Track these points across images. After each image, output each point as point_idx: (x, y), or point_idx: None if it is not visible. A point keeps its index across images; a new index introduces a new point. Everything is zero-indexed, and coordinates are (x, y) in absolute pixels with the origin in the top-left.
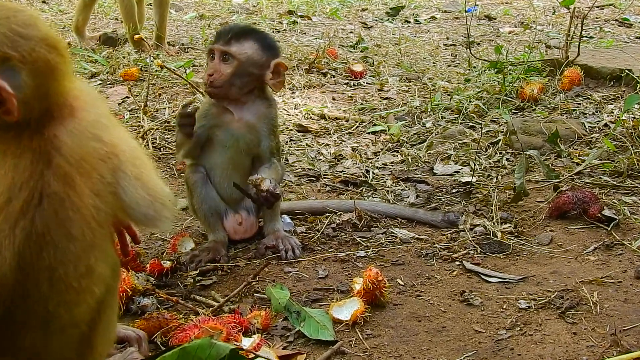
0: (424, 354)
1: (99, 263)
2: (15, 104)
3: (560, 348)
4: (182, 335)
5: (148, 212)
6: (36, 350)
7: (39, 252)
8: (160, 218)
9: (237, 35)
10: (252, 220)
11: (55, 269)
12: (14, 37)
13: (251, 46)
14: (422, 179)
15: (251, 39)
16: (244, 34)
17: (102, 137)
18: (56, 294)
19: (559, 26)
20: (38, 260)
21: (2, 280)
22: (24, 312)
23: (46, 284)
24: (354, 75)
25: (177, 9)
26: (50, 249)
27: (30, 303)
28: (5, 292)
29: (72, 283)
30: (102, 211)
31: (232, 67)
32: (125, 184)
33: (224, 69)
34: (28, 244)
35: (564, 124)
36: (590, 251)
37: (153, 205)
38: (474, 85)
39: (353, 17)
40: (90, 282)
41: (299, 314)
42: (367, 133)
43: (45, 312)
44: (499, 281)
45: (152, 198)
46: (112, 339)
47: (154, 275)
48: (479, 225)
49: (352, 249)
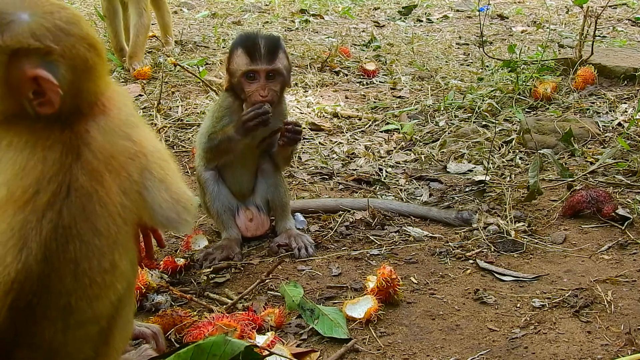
0: (437, 352)
1: (122, 259)
2: (59, 95)
3: (574, 347)
4: (196, 332)
5: (170, 215)
6: (55, 344)
7: (65, 244)
8: (181, 221)
9: (273, 51)
10: (263, 218)
11: (80, 262)
12: (57, 32)
13: (283, 56)
14: (436, 178)
15: (281, 50)
16: (275, 47)
17: (131, 136)
18: (80, 288)
19: (572, 25)
20: (64, 253)
21: (28, 271)
22: (46, 304)
23: (70, 277)
24: (366, 73)
25: (190, 7)
26: (76, 242)
27: (53, 296)
28: (30, 283)
29: (95, 278)
30: (128, 209)
31: (279, 83)
32: (150, 185)
33: (273, 86)
34: (54, 236)
35: (577, 123)
36: (604, 250)
37: (175, 209)
38: (487, 84)
39: (365, 15)
40: (113, 278)
41: (312, 311)
42: (380, 132)
43: (68, 306)
44: (513, 280)
45: (175, 201)
46: (128, 336)
47: (167, 273)
48: (493, 224)
49: (366, 247)
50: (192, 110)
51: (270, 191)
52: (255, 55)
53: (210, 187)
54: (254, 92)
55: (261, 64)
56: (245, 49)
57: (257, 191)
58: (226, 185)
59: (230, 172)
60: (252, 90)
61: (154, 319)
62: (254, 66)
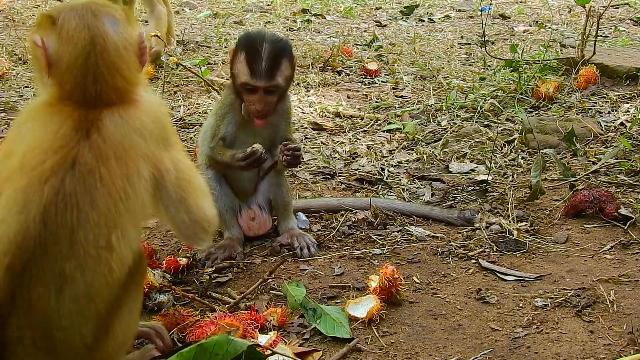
0: (440, 351)
1: (120, 245)
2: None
3: (577, 346)
4: (198, 331)
5: (187, 232)
6: (50, 313)
7: (63, 211)
8: (197, 240)
9: (274, 65)
10: (265, 217)
11: (76, 230)
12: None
13: (286, 66)
14: (438, 177)
15: (284, 60)
16: (278, 59)
17: (149, 144)
18: (74, 256)
19: (574, 25)
20: (61, 218)
21: (26, 232)
22: (41, 268)
23: (66, 243)
24: (368, 73)
25: (191, 7)
26: (74, 210)
27: (49, 260)
28: (27, 245)
29: (89, 250)
30: (133, 200)
31: (277, 95)
32: (167, 204)
33: (270, 99)
34: (54, 201)
35: (579, 123)
36: (607, 250)
37: (192, 228)
38: (489, 84)
39: (367, 15)
40: (109, 257)
41: (315, 311)
42: (382, 131)
43: (62, 273)
44: (515, 279)
45: (193, 222)
46: (131, 332)
47: (170, 272)
48: (495, 224)
49: (368, 247)
50: (194, 110)
51: (273, 190)
52: (255, 69)
53: (212, 187)
54: (250, 104)
55: (260, 81)
56: (247, 60)
57: (259, 190)
58: (228, 184)
59: (233, 171)
60: (250, 100)
61: (157, 318)
62: (253, 82)
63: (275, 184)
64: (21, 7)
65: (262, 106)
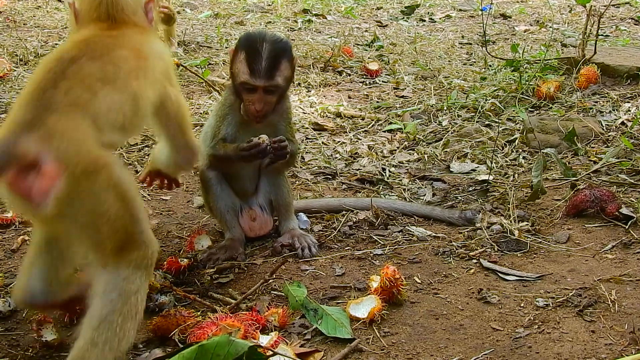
0: (441, 351)
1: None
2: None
3: (578, 346)
4: (200, 332)
5: (184, 154)
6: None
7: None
8: (189, 164)
9: (274, 64)
10: (266, 218)
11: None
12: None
13: (286, 67)
14: (439, 177)
15: (284, 61)
16: (278, 59)
17: (159, 72)
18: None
19: (575, 24)
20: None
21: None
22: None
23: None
24: (369, 73)
25: (192, 7)
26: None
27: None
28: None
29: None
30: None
31: (277, 95)
32: (168, 124)
33: (269, 99)
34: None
35: (580, 122)
36: (608, 249)
37: (188, 150)
38: (490, 84)
39: (368, 15)
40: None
41: (316, 311)
42: (383, 131)
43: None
44: (517, 279)
45: (188, 145)
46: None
47: (171, 273)
48: (496, 224)
49: (369, 247)
50: (195, 111)
51: (274, 191)
52: (255, 69)
53: (213, 187)
54: (250, 103)
55: (260, 80)
56: (247, 59)
57: (261, 191)
58: (229, 184)
59: (234, 171)
60: (249, 100)
61: (158, 319)
62: (253, 81)
63: (276, 184)
64: (22, 8)
65: (262, 106)
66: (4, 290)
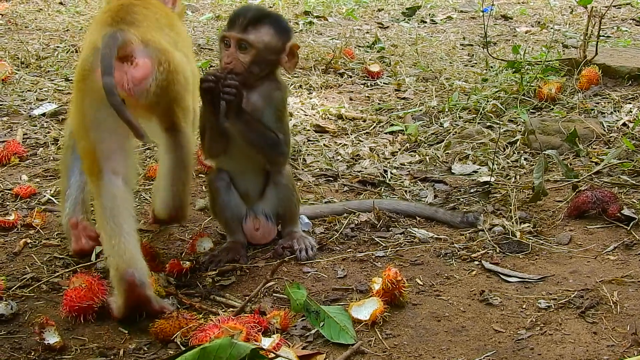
0: (443, 353)
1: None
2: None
3: (580, 348)
4: (202, 335)
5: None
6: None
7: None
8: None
9: (253, 22)
10: (269, 227)
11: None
12: None
13: (267, 32)
14: (440, 179)
15: (267, 24)
16: (259, 19)
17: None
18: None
19: (576, 26)
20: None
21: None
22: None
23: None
24: (370, 75)
25: (194, 10)
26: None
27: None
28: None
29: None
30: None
31: (250, 55)
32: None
33: (242, 57)
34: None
35: (582, 124)
36: (610, 250)
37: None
38: (491, 85)
39: (369, 17)
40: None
41: (318, 314)
42: (384, 133)
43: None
44: (519, 281)
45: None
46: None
47: (173, 275)
48: (498, 225)
49: (371, 249)
50: None
51: (282, 205)
52: (233, 21)
53: (221, 197)
54: (222, 59)
55: (234, 31)
56: (231, 15)
57: (267, 198)
58: (235, 187)
59: (237, 168)
60: (223, 56)
61: (160, 321)
62: (227, 32)
63: (285, 198)
64: (24, 10)
65: (230, 60)
66: (7, 293)
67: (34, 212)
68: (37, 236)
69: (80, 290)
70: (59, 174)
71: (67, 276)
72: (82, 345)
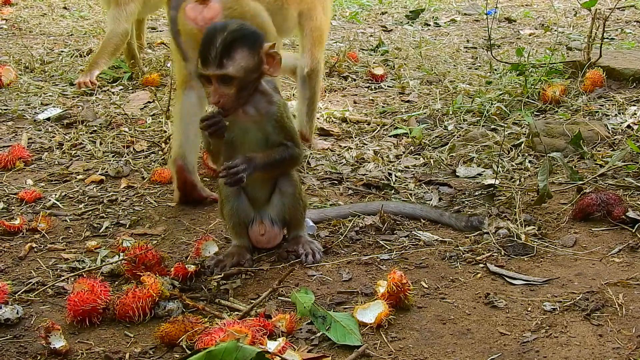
0: (449, 356)
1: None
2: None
3: (586, 350)
4: (207, 338)
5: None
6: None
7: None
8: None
9: (225, 53)
10: (275, 232)
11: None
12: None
13: (242, 55)
14: (445, 182)
15: (239, 48)
16: (231, 46)
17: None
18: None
19: (580, 28)
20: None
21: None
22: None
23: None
24: (374, 78)
25: None
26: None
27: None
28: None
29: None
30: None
31: (234, 86)
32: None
33: (227, 91)
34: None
35: (586, 126)
36: (615, 253)
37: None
38: (495, 88)
39: (373, 20)
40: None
41: (324, 318)
42: (388, 136)
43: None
44: (524, 283)
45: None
46: None
47: (178, 279)
48: (503, 228)
49: (376, 252)
50: None
51: (289, 212)
52: (206, 58)
53: (230, 202)
54: (208, 96)
55: (210, 70)
56: (201, 48)
57: (275, 205)
58: (244, 192)
59: (249, 179)
60: (208, 92)
61: (166, 325)
62: (204, 70)
63: (291, 204)
64: (28, 15)
65: (218, 98)
66: (12, 298)
67: (39, 216)
68: (43, 240)
69: (83, 293)
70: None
71: (73, 280)
72: (88, 349)
